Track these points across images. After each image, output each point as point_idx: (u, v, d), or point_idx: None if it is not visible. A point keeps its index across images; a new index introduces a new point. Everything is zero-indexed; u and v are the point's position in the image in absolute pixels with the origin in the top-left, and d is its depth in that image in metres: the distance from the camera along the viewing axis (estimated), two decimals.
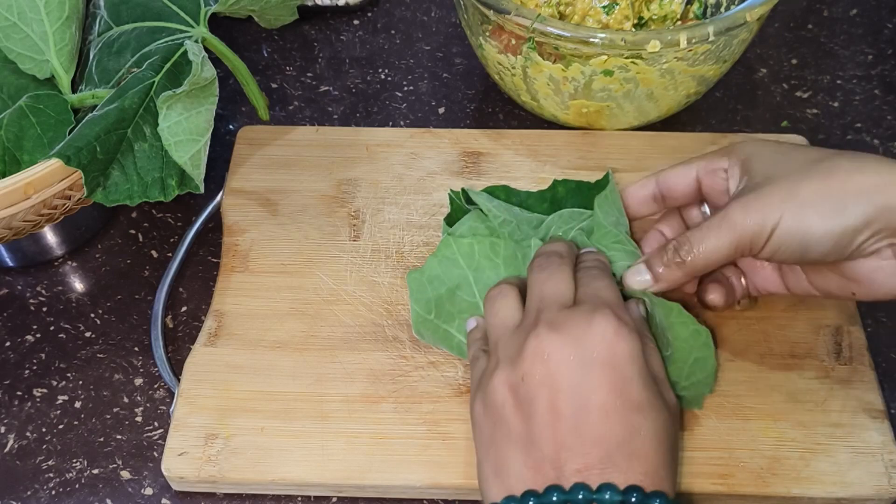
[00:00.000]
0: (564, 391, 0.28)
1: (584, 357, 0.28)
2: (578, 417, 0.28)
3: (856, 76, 0.52)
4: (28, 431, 0.38)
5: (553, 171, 0.45)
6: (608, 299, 0.31)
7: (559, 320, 0.30)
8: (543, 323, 0.30)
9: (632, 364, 0.29)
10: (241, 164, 0.46)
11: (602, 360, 0.28)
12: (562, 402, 0.28)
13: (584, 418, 0.28)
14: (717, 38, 0.40)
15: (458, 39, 0.54)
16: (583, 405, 0.28)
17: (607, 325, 0.29)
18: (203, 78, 0.38)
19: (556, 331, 0.29)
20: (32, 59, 0.41)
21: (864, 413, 0.36)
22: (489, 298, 0.34)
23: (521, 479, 0.28)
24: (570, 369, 0.28)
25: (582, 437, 0.28)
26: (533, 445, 0.28)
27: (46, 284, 0.43)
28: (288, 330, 0.39)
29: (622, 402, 0.28)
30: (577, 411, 0.28)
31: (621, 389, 0.28)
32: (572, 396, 0.28)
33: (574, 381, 0.28)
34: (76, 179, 0.38)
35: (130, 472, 0.37)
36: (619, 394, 0.28)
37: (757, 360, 0.38)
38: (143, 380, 0.40)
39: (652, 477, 0.27)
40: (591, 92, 0.43)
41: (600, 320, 0.29)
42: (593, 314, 0.29)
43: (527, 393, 0.29)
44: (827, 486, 0.34)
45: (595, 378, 0.28)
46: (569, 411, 0.28)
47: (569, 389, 0.28)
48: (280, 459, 0.35)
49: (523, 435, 0.28)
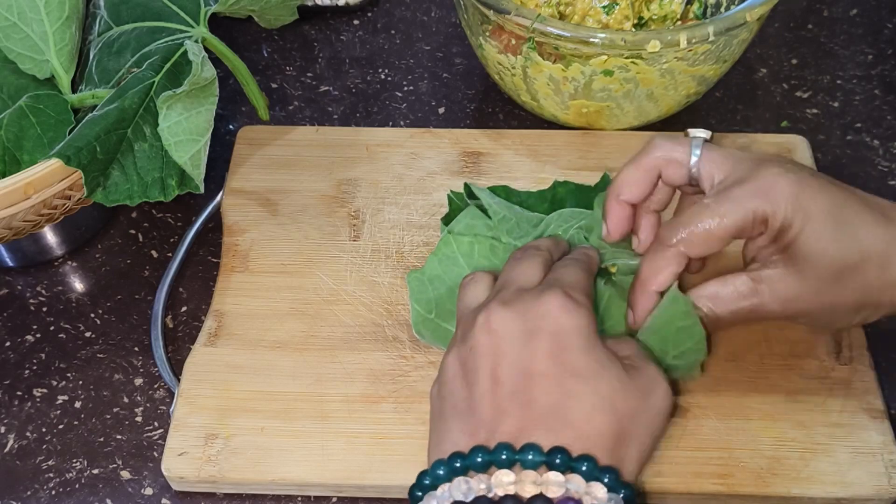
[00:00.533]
0: (506, 359, 0.28)
1: (527, 328, 0.29)
2: (516, 383, 0.28)
3: (856, 76, 0.52)
4: (28, 431, 0.38)
5: (553, 171, 0.45)
6: (566, 281, 0.31)
7: (511, 298, 0.30)
8: (496, 300, 0.30)
9: (576, 335, 0.29)
10: (241, 164, 0.46)
11: (545, 330, 0.29)
12: (502, 370, 0.28)
13: (521, 383, 0.28)
14: (717, 38, 0.40)
15: (458, 39, 0.54)
16: (521, 371, 0.28)
17: (554, 300, 0.29)
18: (203, 78, 0.38)
19: (506, 306, 0.30)
20: (32, 59, 0.41)
21: (864, 413, 0.36)
22: (462, 285, 0.34)
23: (455, 445, 0.28)
24: (514, 339, 0.29)
25: (517, 402, 0.28)
26: (473, 413, 0.28)
27: (46, 284, 0.43)
28: (288, 330, 0.39)
29: (560, 368, 0.28)
30: (516, 377, 0.28)
31: (560, 357, 0.28)
32: (512, 364, 0.28)
33: (515, 349, 0.29)
34: (76, 179, 0.38)
35: (130, 472, 0.37)
36: (558, 361, 0.28)
37: (757, 360, 0.38)
38: (143, 380, 0.40)
39: (584, 441, 0.27)
40: (591, 92, 0.43)
41: (548, 297, 0.30)
42: (543, 292, 0.30)
43: (472, 363, 0.29)
44: (827, 486, 0.34)
45: (536, 346, 0.28)
46: (508, 378, 0.28)
47: (510, 357, 0.28)
48: (280, 459, 0.35)
49: (466, 403, 0.29)
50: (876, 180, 0.47)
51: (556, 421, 0.27)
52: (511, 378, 0.28)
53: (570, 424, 0.27)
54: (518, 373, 0.28)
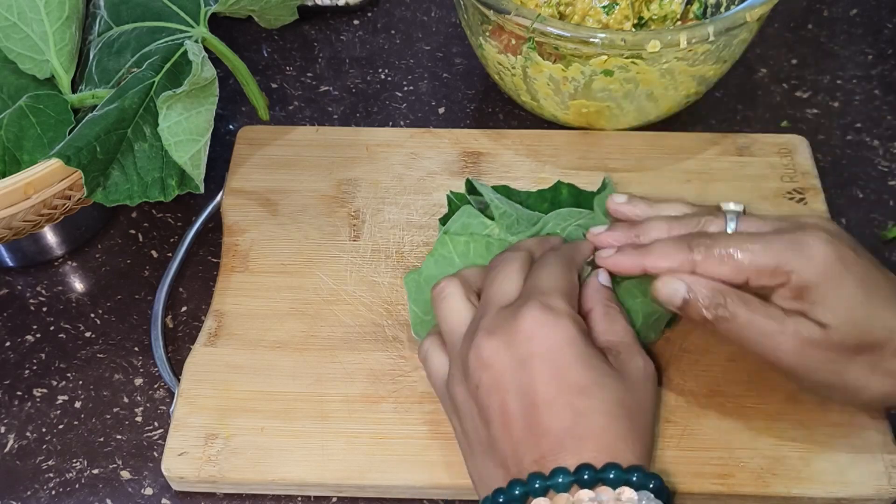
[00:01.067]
0: (510, 392, 0.29)
1: (519, 355, 0.29)
2: (526, 414, 0.29)
3: (856, 76, 0.52)
4: (28, 431, 0.38)
5: (553, 171, 0.45)
6: (542, 287, 0.31)
7: (493, 325, 0.30)
8: (481, 330, 0.30)
9: (568, 348, 0.29)
10: (241, 164, 0.46)
11: (535, 353, 0.29)
12: (510, 404, 0.29)
13: (531, 413, 0.28)
14: (717, 38, 0.40)
15: (458, 39, 0.54)
16: (528, 402, 0.29)
17: (533, 318, 0.29)
18: (203, 78, 0.38)
19: (491, 335, 0.30)
20: (32, 59, 0.41)
21: (864, 412, 0.36)
22: (434, 297, 0.34)
23: (494, 479, 0.29)
24: (510, 371, 0.29)
25: (532, 431, 0.28)
26: (497, 449, 0.29)
27: (46, 284, 0.43)
28: (288, 330, 0.39)
29: (562, 388, 0.28)
30: (524, 409, 0.29)
31: (559, 377, 0.29)
32: (517, 396, 0.29)
33: (515, 380, 0.29)
34: (76, 179, 0.38)
35: (130, 472, 0.37)
36: (559, 382, 0.29)
37: (757, 359, 0.37)
38: (143, 380, 0.40)
39: (605, 451, 0.28)
40: (591, 92, 0.43)
41: (525, 315, 0.29)
42: (519, 310, 0.30)
43: (482, 401, 0.30)
44: (827, 486, 0.34)
45: (533, 373, 0.29)
46: (517, 411, 0.29)
47: (513, 390, 0.29)
48: (280, 459, 0.35)
49: (488, 441, 0.30)
50: (876, 181, 0.47)
51: (575, 440, 0.28)
52: (519, 410, 0.29)
53: (588, 439, 0.28)
54: (525, 404, 0.29)
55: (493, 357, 0.29)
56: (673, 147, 0.46)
